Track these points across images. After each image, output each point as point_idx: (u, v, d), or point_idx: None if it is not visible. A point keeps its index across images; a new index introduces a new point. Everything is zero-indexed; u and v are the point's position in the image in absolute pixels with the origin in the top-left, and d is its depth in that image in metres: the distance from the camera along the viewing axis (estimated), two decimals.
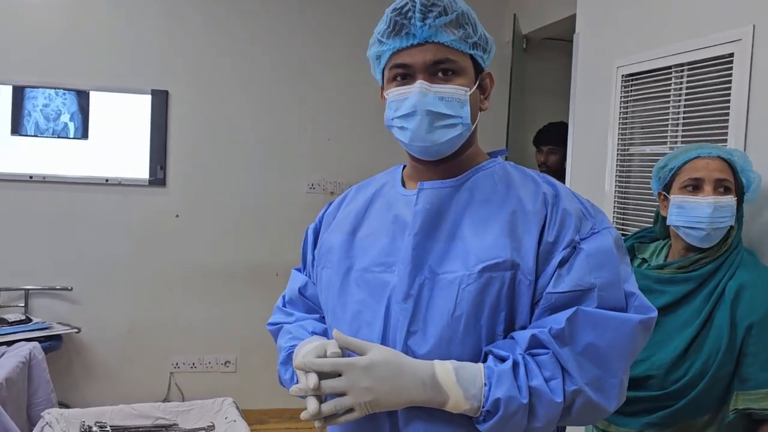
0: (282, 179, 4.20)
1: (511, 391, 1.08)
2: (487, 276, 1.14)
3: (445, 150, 1.23)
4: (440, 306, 1.16)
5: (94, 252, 3.96)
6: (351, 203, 1.39)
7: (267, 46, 4.13)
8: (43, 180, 3.89)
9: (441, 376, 1.10)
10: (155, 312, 4.05)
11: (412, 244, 1.20)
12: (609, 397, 1.12)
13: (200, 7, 4.04)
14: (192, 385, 4.10)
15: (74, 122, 3.91)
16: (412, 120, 1.19)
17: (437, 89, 1.18)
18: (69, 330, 3.71)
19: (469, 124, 1.21)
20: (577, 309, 1.11)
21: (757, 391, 1.63)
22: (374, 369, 1.09)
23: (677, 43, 2.36)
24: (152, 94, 3.99)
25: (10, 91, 3.83)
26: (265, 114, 4.17)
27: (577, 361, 1.10)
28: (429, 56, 1.18)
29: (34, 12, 3.82)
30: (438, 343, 1.15)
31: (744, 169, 1.78)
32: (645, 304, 1.16)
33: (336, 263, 1.29)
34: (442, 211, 1.23)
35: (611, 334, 1.11)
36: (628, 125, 2.64)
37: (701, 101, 2.28)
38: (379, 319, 1.19)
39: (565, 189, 1.25)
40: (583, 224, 1.18)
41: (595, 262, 1.14)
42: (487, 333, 1.15)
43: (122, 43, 3.95)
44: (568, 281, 1.14)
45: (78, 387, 3.96)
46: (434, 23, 1.17)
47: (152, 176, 4.02)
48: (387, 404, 1.10)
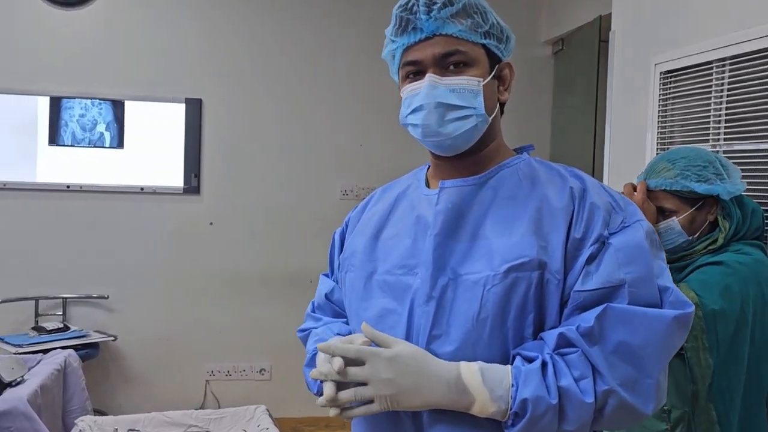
0: (315, 186, 4.19)
1: (539, 391, 1.03)
2: (513, 276, 1.09)
3: (461, 144, 1.19)
4: (464, 308, 1.12)
5: (129, 260, 3.99)
6: (375, 206, 1.36)
7: (299, 54, 4.13)
8: (80, 189, 3.93)
9: (467, 377, 1.06)
10: (190, 319, 4.06)
11: (433, 245, 1.16)
12: (645, 398, 1.05)
13: (233, 16, 4.06)
14: (227, 392, 4.10)
15: (110, 132, 3.95)
16: (422, 114, 1.16)
17: (448, 81, 1.15)
18: (105, 338, 3.74)
19: (484, 115, 1.17)
20: (607, 306, 1.06)
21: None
22: (398, 361, 1.06)
23: (717, 37, 2.28)
24: (186, 102, 4.02)
25: (48, 102, 3.88)
26: (297, 121, 4.17)
27: (609, 361, 1.04)
28: (438, 49, 1.15)
29: (70, 24, 3.87)
30: (462, 347, 1.10)
31: (688, 185, 1.82)
32: (681, 298, 1.10)
33: (359, 267, 1.27)
34: (465, 210, 1.18)
35: (644, 331, 1.05)
36: (667, 124, 2.56)
37: (745, 97, 2.20)
38: (402, 323, 1.15)
39: (593, 182, 1.19)
40: (613, 218, 1.13)
41: (624, 257, 1.09)
42: (515, 336, 1.10)
43: (156, 52, 3.99)
44: (597, 278, 1.08)
45: (115, 394, 3.99)
46: (439, 15, 1.14)
47: (186, 184, 4.04)
48: (408, 402, 1.06)
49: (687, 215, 1.85)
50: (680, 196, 1.85)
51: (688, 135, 2.44)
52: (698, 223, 1.87)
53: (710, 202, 1.86)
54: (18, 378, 2.49)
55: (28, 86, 3.86)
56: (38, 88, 3.87)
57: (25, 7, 3.82)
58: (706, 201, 1.85)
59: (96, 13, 3.90)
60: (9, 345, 3.43)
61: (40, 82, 3.87)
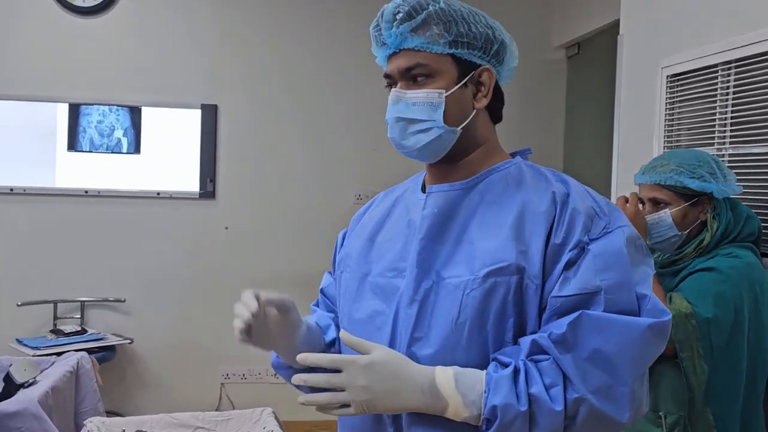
0: (329, 190, 4.22)
1: (509, 398, 1.04)
2: (492, 281, 1.10)
3: (429, 155, 1.21)
4: (444, 312, 1.13)
5: (145, 264, 4.05)
6: (376, 209, 1.38)
7: (314, 59, 4.16)
8: (97, 194, 4.00)
9: (441, 382, 1.07)
10: (205, 323, 4.10)
11: (417, 249, 1.18)
12: (619, 406, 1.04)
13: (247, 23, 4.11)
14: (242, 395, 4.13)
15: (127, 137, 4.02)
16: (389, 127, 1.21)
17: (410, 95, 1.18)
18: (122, 341, 3.79)
19: (444, 126, 1.18)
20: (581, 313, 1.06)
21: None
22: (373, 368, 1.08)
23: (723, 41, 2.27)
24: (202, 108, 4.07)
25: (67, 108, 3.96)
26: (311, 125, 4.20)
27: (582, 368, 1.04)
28: (401, 63, 1.19)
29: (88, 33, 3.95)
30: (442, 350, 1.12)
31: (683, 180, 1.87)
32: (658, 307, 1.08)
33: (354, 268, 1.29)
34: (452, 214, 1.20)
35: (618, 338, 1.04)
36: (674, 127, 2.55)
37: (751, 100, 2.18)
38: (388, 325, 1.18)
39: (578, 187, 1.19)
40: (595, 223, 1.12)
41: (602, 263, 1.08)
42: (495, 340, 1.11)
43: (172, 59, 4.05)
44: (574, 284, 1.08)
45: (132, 396, 4.04)
46: (399, 30, 1.17)
47: (202, 189, 4.09)
48: (384, 407, 1.08)
49: (680, 209, 1.89)
50: (674, 191, 1.89)
51: (695, 138, 2.43)
52: (690, 220, 1.89)
53: (704, 201, 1.89)
54: (30, 379, 2.55)
55: (48, 93, 3.94)
56: (57, 95, 3.95)
57: (45, 16, 3.90)
58: (700, 199, 1.89)
59: (113, 21, 3.97)
60: (27, 347, 3.49)
61: (59, 89, 3.94)
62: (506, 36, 1.26)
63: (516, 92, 4.32)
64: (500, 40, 1.24)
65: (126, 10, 3.98)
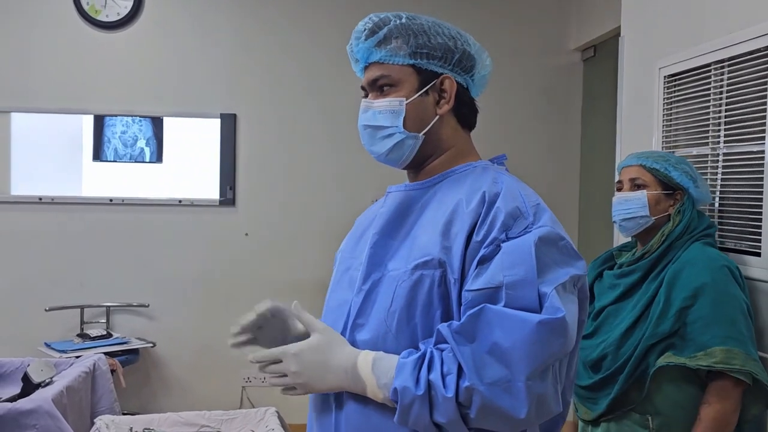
0: (348, 195, 4.27)
1: (407, 382, 1.11)
2: (419, 274, 1.18)
3: (396, 159, 1.31)
4: (381, 301, 1.22)
5: (168, 270, 4.16)
6: (370, 210, 1.48)
7: (331, 66, 4.22)
8: (122, 202, 4.13)
9: (360, 364, 1.17)
10: (226, 327, 4.12)
11: (371, 243, 1.28)
12: (516, 401, 1.06)
13: (265, 31, 4.20)
14: (263, 398, 4.20)
15: (150, 147, 4.14)
16: (360, 136, 1.33)
17: (376, 104, 1.29)
18: (145, 344, 3.90)
19: (405, 131, 1.27)
20: (484, 306, 1.10)
21: (695, 354, 1.77)
22: (302, 356, 1.20)
23: (715, 39, 2.26)
24: (221, 117, 4.17)
25: (92, 120, 4.10)
26: (329, 133, 4.27)
27: (478, 360, 1.07)
28: (370, 75, 1.30)
29: (111, 47, 4.09)
30: (375, 337, 1.21)
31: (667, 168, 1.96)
32: (554, 305, 1.09)
33: (340, 262, 1.40)
34: (405, 212, 1.29)
35: (513, 333, 1.07)
36: (672, 127, 2.54)
37: (743, 98, 2.17)
38: (345, 312, 1.28)
39: (512, 188, 1.22)
40: (517, 223, 1.16)
41: (508, 260, 1.12)
42: (423, 331, 1.18)
43: (192, 71, 4.16)
44: (483, 279, 1.13)
45: (156, 398, 4.15)
46: (364, 45, 1.28)
47: (222, 196, 4.19)
48: (318, 387, 1.20)
49: (656, 194, 1.98)
50: (656, 176, 1.99)
51: (691, 138, 2.42)
52: (661, 208, 1.99)
53: (677, 196, 1.99)
54: (47, 379, 2.65)
55: (74, 106, 4.09)
56: (83, 107, 4.09)
57: (70, 31, 4.06)
58: (675, 193, 1.99)
59: (135, 35, 4.11)
60: (54, 351, 3.62)
61: (84, 101, 4.09)
62: (473, 46, 1.32)
63: (533, 95, 4.40)
64: (462, 49, 1.30)
65: (147, 24, 4.12)
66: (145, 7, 4.11)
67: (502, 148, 1.34)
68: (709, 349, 1.75)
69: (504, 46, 4.13)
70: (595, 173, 4.23)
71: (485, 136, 1.38)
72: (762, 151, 2.06)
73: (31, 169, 4.12)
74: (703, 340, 1.77)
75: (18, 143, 4.10)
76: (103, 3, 4.03)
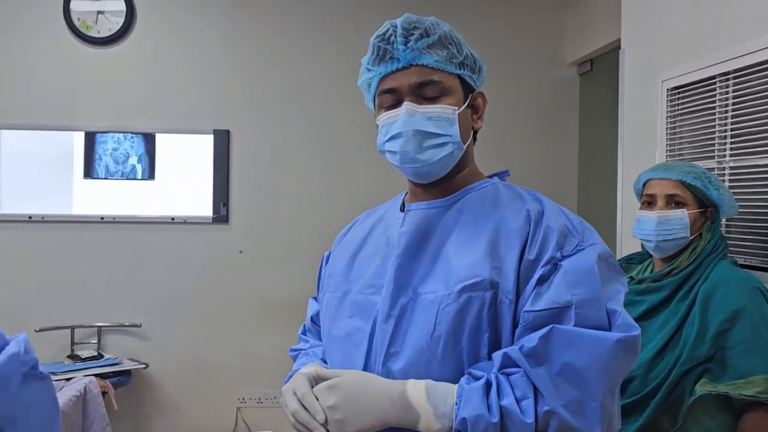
0: (343, 214, 4.15)
1: (479, 409, 1.04)
2: (467, 296, 1.12)
3: (438, 171, 1.23)
4: (420, 326, 1.14)
5: (161, 289, 4.08)
6: (357, 229, 1.42)
7: (326, 82, 4.18)
8: (113, 221, 4.05)
9: (411, 393, 1.08)
10: (221, 347, 4.11)
11: (395, 265, 1.20)
12: (590, 421, 1.04)
13: (259, 46, 4.15)
14: (258, 419, 4.13)
15: (141, 164, 4.08)
16: (400, 141, 1.20)
17: (424, 110, 1.19)
18: (137, 366, 3.81)
19: (459, 142, 1.21)
20: (552, 327, 1.06)
21: (734, 382, 1.68)
22: (339, 387, 1.10)
23: (720, 51, 2.23)
24: (214, 133, 4.11)
25: (83, 136, 4.03)
26: (324, 148, 4.21)
27: (553, 382, 1.04)
28: (414, 78, 1.20)
29: (102, 62, 4.03)
30: (416, 365, 1.13)
31: (707, 186, 1.88)
32: (628, 322, 1.09)
33: (335, 287, 1.31)
34: (429, 231, 1.23)
35: (588, 353, 1.05)
36: (676, 140, 2.51)
37: (749, 111, 2.14)
38: (365, 341, 1.20)
39: (552, 205, 1.21)
40: (568, 241, 1.14)
41: (573, 279, 1.10)
42: (470, 355, 1.12)
43: (184, 87, 4.11)
44: (546, 299, 1.09)
45: (149, 421, 4.06)
46: (416, 46, 1.19)
47: (215, 213, 4.12)
48: (357, 423, 1.09)
49: (694, 213, 1.89)
50: (694, 194, 1.89)
51: (696, 151, 2.38)
52: (696, 227, 1.90)
53: (708, 214, 1.91)
54: None
55: (64, 122, 4.02)
56: (73, 123, 4.02)
57: (61, 47, 3.99)
58: (708, 210, 1.91)
59: (126, 51, 4.05)
60: None
61: (75, 118, 4.02)
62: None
63: (529, 109, 4.36)
64: (484, 68, 1.29)
65: (139, 40, 4.06)
66: (137, 22, 4.06)
67: (497, 163, 1.31)
68: (750, 377, 1.66)
69: (499, 61, 4.07)
70: (592, 188, 4.19)
71: (479, 150, 1.34)
72: None
73: (20, 187, 4.04)
74: (743, 367, 1.68)
75: (7, 160, 4.02)
76: (94, 19, 3.98)
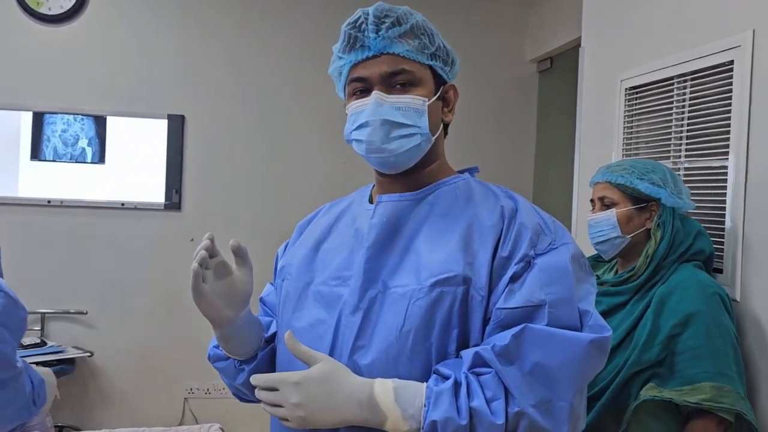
0: (297, 203, 4.15)
1: (449, 412, 1.03)
2: (438, 291, 1.11)
3: (404, 162, 1.21)
4: (389, 321, 1.13)
5: (109, 276, 3.98)
6: (321, 218, 1.39)
7: (281, 71, 4.12)
8: (60, 204, 3.93)
9: (379, 394, 1.06)
10: (170, 337, 4.03)
11: (365, 257, 1.19)
12: (558, 421, 1.04)
13: (216, 32, 4.07)
14: (206, 410, 4.06)
15: (92, 147, 3.96)
16: (367, 130, 1.18)
17: (393, 99, 1.18)
18: (81, 354, 3.71)
19: (428, 134, 1.20)
20: (525, 326, 1.06)
21: (681, 388, 1.66)
22: (306, 385, 1.08)
23: (678, 53, 2.25)
24: (168, 118, 4.01)
25: (30, 117, 3.90)
26: (280, 138, 4.16)
27: (524, 382, 1.04)
28: (384, 68, 1.18)
29: (53, 40, 3.90)
30: (384, 359, 1.11)
31: (632, 181, 1.86)
32: (600, 323, 1.10)
33: (296, 276, 1.29)
34: (400, 224, 1.21)
35: (560, 353, 1.05)
36: (633, 140, 2.52)
37: (704, 112, 2.16)
38: (329, 333, 1.17)
39: (525, 203, 1.21)
40: (541, 239, 1.14)
41: (547, 278, 1.09)
42: (438, 351, 1.11)
43: (139, 68, 4.00)
44: (519, 297, 1.09)
45: (92, 411, 3.96)
46: (387, 34, 1.17)
47: (167, 200, 4.03)
48: (321, 422, 1.08)
49: (625, 211, 1.87)
50: (623, 191, 1.88)
51: (652, 151, 2.40)
52: (635, 225, 1.88)
53: (651, 208, 1.87)
54: None
55: (11, 101, 3.88)
56: (21, 103, 3.89)
57: (10, 23, 3.85)
58: (648, 205, 1.87)
59: (79, 29, 3.92)
60: None
61: (22, 97, 3.88)
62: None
63: (488, 105, 4.35)
64: (457, 60, 1.28)
65: (92, 19, 3.94)
66: (90, 1, 3.93)
67: (451, 157, 1.29)
68: (697, 384, 1.65)
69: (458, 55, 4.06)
70: (548, 186, 4.22)
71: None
72: (725, 166, 2.04)
73: None
74: (691, 374, 1.66)
75: None
76: None
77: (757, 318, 1.90)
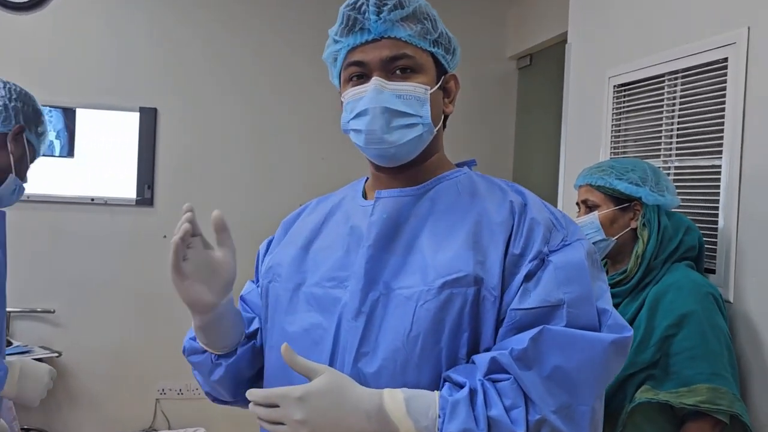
0: (274, 199, 4.08)
1: (467, 423, 0.96)
2: (448, 292, 1.04)
3: (405, 154, 1.13)
4: (394, 325, 1.05)
5: (78, 273, 3.85)
6: (309, 216, 1.30)
7: (259, 63, 4.04)
8: (27, 199, 3.77)
9: (389, 406, 0.99)
10: (141, 336, 3.92)
11: (365, 257, 1.11)
12: (579, 426, 0.99)
13: (189, 23, 3.97)
14: (179, 412, 3.96)
15: (60, 140, 3.83)
16: (366, 119, 1.11)
17: (394, 86, 1.10)
18: (48, 354, 3.59)
19: (430, 124, 1.12)
20: (543, 328, 0.99)
21: (677, 390, 1.64)
22: (310, 400, 0.99)
23: (670, 50, 2.22)
24: (140, 111, 3.90)
25: None
26: (256, 132, 4.07)
27: (544, 387, 0.98)
28: (385, 52, 1.11)
29: (19, 29, 3.76)
30: (391, 367, 1.04)
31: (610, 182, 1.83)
32: (619, 322, 1.04)
33: (285, 278, 1.21)
34: (401, 221, 1.13)
35: (581, 355, 0.99)
36: (621, 138, 2.49)
37: (696, 110, 2.13)
38: (328, 339, 1.10)
39: (534, 198, 1.14)
40: (553, 235, 1.08)
41: (564, 276, 1.03)
42: (448, 356, 1.04)
43: (110, 60, 3.88)
44: (535, 297, 1.02)
45: (61, 413, 3.84)
46: (389, 17, 1.10)
47: (139, 196, 3.92)
48: None
49: (608, 212, 1.84)
50: (604, 193, 1.85)
51: (641, 149, 2.37)
52: (619, 225, 1.85)
53: (634, 207, 1.84)
54: None
55: None
56: None
57: None
58: (631, 205, 1.84)
59: (47, 18, 3.78)
60: None
61: None
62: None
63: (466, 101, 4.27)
64: (458, 49, 1.22)
65: (61, 7, 3.79)
66: None
67: None
68: (693, 385, 1.63)
69: None
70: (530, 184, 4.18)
71: None
72: (718, 165, 2.02)
73: None
74: (687, 375, 1.64)
75: None
76: None
77: (750, 318, 1.88)
